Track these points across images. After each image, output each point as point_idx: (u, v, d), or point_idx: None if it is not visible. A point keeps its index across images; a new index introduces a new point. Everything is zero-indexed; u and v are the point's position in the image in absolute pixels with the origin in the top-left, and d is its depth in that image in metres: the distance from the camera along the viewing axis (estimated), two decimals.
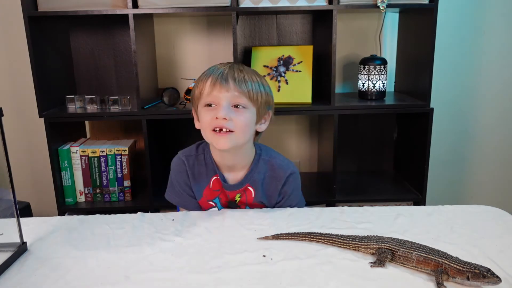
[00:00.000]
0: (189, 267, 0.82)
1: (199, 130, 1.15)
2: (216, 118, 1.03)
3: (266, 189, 1.16)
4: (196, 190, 1.18)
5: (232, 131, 1.04)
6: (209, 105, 1.06)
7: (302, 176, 1.93)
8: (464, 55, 1.96)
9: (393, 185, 1.90)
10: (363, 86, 1.75)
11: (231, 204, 1.18)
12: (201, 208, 1.19)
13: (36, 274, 0.81)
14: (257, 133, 1.15)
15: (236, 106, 1.05)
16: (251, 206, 1.17)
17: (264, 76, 1.71)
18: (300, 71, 1.72)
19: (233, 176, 1.16)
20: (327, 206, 1.48)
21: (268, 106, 1.13)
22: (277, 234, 0.93)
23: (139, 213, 1.08)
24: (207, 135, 1.08)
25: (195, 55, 1.93)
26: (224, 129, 1.04)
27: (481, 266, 0.74)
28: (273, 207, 1.19)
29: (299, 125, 2.03)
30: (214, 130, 1.05)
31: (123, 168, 1.74)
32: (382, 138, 2.04)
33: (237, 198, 1.17)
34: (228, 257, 0.86)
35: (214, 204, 1.18)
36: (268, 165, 1.17)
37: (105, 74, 1.92)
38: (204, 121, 1.07)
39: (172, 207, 1.25)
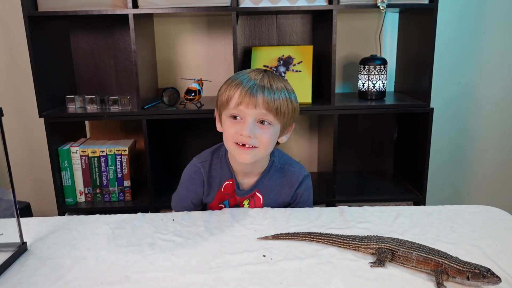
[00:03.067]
0: (189, 267, 0.82)
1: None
2: (241, 134, 1.03)
3: (278, 195, 1.17)
4: (209, 194, 1.18)
5: (255, 147, 1.04)
6: (235, 117, 1.05)
7: None
8: (464, 55, 1.96)
9: (393, 185, 1.90)
10: (363, 86, 1.75)
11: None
12: None
13: (36, 274, 0.81)
14: (277, 143, 1.14)
15: (262, 122, 1.04)
16: None
17: None
18: (300, 71, 1.72)
19: (247, 181, 1.17)
20: (327, 206, 1.48)
21: (293, 120, 1.13)
22: (277, 234, 0.93)
23: (139, 213, 1.08)
24: (229, 146, 1.08)
25: (195, 55, 1.93)
26: (247, 145, 1.04)
27: (481, 266, 0.74)
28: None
29: (299, 125, 2.03)
30: (236, 143, 1.05)
31: (123, 168, 1.74)
32: (382, 138, 2.03)
33: (246, 205, 1.18)
34: (228, 257, 0.86)
35: (224, 206, 1.20)
36: (281, 172, 1.18)
37: (105, 74, 1.92)
38: (228, 133, 1.06)
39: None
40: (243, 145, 1.04)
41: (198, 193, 1.18)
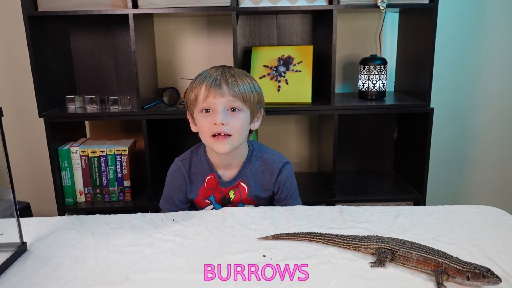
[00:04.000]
0: (189, 267, 0.82)
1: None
2: (215, 124, 1.08)
3: (260, 183, 1.21)
4: (193, 190, 1.22)
5: (229, 135, 1.09)
6: (206, 110, 1.10)
7: (302, 176, 1.94)
8: (464, 55, 1.96)
9: (393, 185, 1.90)
10: (363, 86, 1.75)
11: (224, 201, 1.22)
12: (196, 209, 1.23)
13: (36, 274, 0.81)
14: (250, 131, 1.20)
15: (232, 109, 1.10)
16: (245, 202, 1.21)
17: (264, 76, 1.72)
18: (300, 71, 1.72)
19: (228, 174, 1.21)
20: (327, 206, 1.48)
21: (260, 105, 1.18)
22: (277, 234, 0.93)
23: (139, 213, 1.08)
24: (206, 140, 1.13)
25: (195, 55, 1.93)
26: (222, 133, 1.09)
27: (481, 266, 0.74)
28: (272, 198, 1.23)
29: (299, 125, 2.03)
30: (213, 135, 1.10)
31: (123, 168, 1.74)
32: (382, 138, 2.03)
33: (232, 196, 1.21)
34: (228, 257, 0.86)
35: (209, 202, 1.23)
36: (261, 160, 1.22)
37: (105, 74, 1.92)
38: (202, 127, 1.11)
39: None
40: (219, 134, 1.09)
41: (182, 190, 1.23)
